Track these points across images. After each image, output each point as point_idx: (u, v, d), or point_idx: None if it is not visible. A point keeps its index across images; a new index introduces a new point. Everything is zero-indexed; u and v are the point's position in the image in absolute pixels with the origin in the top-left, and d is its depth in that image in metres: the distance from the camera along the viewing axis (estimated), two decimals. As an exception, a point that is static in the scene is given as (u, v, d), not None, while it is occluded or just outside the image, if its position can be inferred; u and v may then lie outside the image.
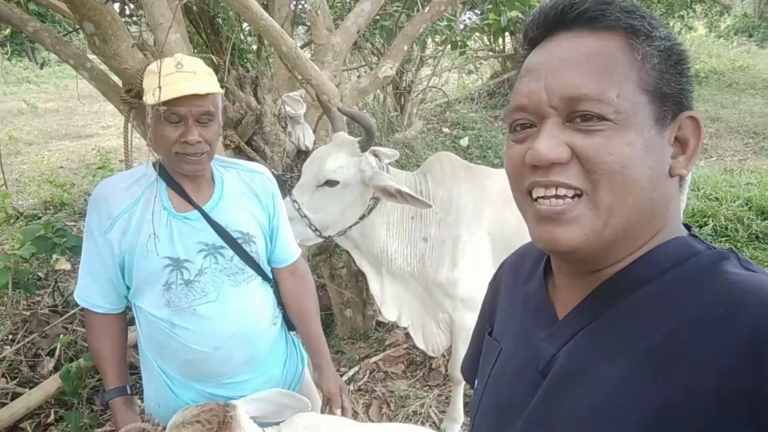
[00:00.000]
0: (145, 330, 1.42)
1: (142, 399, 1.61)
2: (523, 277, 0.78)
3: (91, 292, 1.38)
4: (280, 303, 1.59)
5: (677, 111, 0.60)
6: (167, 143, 1.30)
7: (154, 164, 1.40)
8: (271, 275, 1.55)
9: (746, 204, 4.19)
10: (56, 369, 2.68)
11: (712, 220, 3.97)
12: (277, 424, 1.41)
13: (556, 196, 0.59)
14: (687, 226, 0.65)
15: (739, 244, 3.84)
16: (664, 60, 0.59)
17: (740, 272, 0.55)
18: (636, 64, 0.58)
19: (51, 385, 2.00)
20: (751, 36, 14.74)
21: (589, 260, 0.61)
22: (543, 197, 0.59)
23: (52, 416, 2.79)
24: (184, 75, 1.26)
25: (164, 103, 1.23)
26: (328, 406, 1.60)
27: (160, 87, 1.18)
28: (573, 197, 0.58)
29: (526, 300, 0.74)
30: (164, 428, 1.34)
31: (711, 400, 0.48)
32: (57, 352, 2.95)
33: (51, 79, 11.65)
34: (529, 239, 2.17)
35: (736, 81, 9.39)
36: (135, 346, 1.64)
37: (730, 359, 0.49)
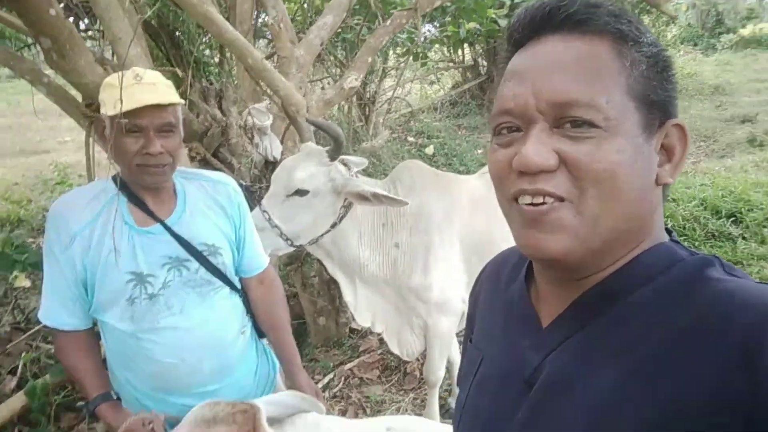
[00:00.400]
0: (111, 344, 1.40)
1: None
2: (503, 284, 0.76)
3: (57, 311, 1.35)
4: (249, 311, 1.58)
5: (663, 119, 0.59)
6: (128, 155, 1.28)
7: (113, 178, 1.38)
8: (239, 285, 1.54)
9: (701, 204, 4.38)
10: (19, 387, 2.59)
11: (671, 220, 4.14)
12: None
13: (543, 204, 0.57)
14: (668, 231, 0.64)
15: (697, 243, 4.01)
16: (651, 66, 0.58)
17: (725, 278, 0.54)
18: (624, 70, 0.57)
19: (16, 402, 1.93)
20: (696, 45, 15.46)
21: (574, 268, 0.60)
22: (528, 204, 0.58)
23: (16, 432, 2.69)
24: (143, 87, 1.26)
25: (125, 115, 1.21)
26: None
27: (121, 99, 1.17)
28: (556, 200, 0.57)
29: (508, 307, 0.73)
30: (165, 419, 1.32)
31: (703, 410, 0.48)
32: (19, 370, 2.85)
33: (2, 96, 11.26)
34: (498, 243, 2.21)
35: (686, 87, 9.81)
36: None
37: (721, 369, 0.48)
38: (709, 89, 9.76)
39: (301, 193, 1.97)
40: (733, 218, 4.23)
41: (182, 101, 1.34)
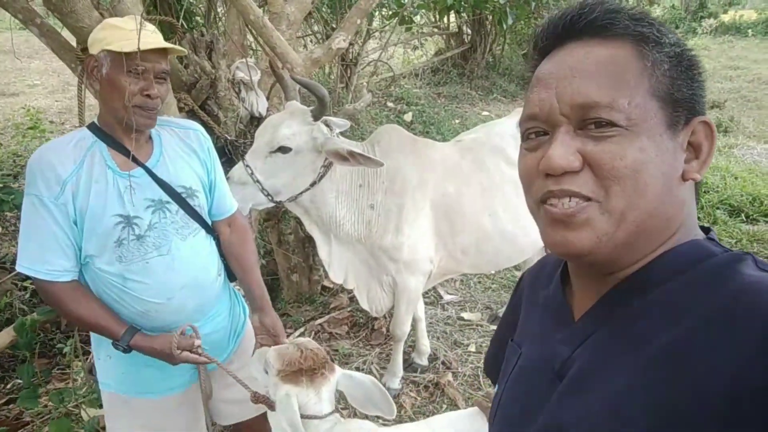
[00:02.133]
0: (95, 287, 1.44)
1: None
2: (542, 283, 0.79)
3: (55, 261, 1.35)
4: (222, 255, 1.66)
5: (690, 116, 0.60)
6: (127, 94, 1.32)
7: (87, 127, 1.42)
8: (212, 228, 1.61)
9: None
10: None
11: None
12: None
13: (569, 205, 0.59)
14: (705, 229, 0.65)
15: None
16: (675, 66, 0.59)
17: (755, 273, 0.54)
18: (646, 71, 0.58)
19: (4, 337, 2.00)
20: (677, 27, 15.59)
21: (602, 263, 0.61)
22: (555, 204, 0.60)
23: (-6, 376, 2.76)
24: (147, 33, 1.32)
25: (130, 57, 1.28)
26: (273, 341, 1.64)
27: (139, 39, 1.23)
28: (584, 200, 0.59)
29: (544, 304, 0.76)
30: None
31: (723, 401, 0.48)
32: (-6, 315, 2.90)
33: (-34, 31, 10.75)
34: (467, 210, 2.34)
35: (663, 70, 9.98)
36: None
37: (741, 359, 0.48)
38: (687, 73, 9.95)
39: (283, 150, 2.05)
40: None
41: (184, 50, 1.40)
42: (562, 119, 0.60)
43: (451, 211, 2.39)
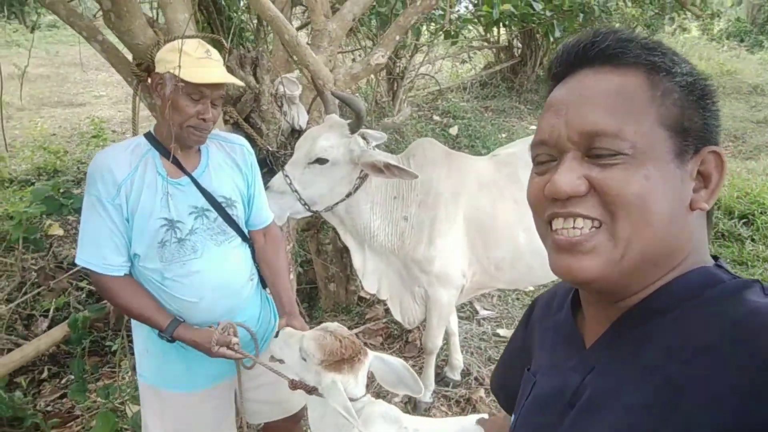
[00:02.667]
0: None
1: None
2: (553, 310, 0.80)
3: (112, 258, 1.47)
4: (256, 263, 1.76)
5: (700, 145, 0.60)
6: (184, 116, 1.46)
7: (144, 135, 1.55)
8: (248, 236, 1.71)
9: (716, 204, 4.42)
10: (50, 329, 2.80)
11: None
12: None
13: (574, 228, 0.60)
14: (714, 257, 0.65)
15: (705, 241, 4.07)
16: (686, 95, 0.59)
17: (762, 300, 0.54)
18: (656, 100, 0.58)
19: (58, 333, 2.15)
20: (742, 41, 14.93)
21: (609, 291, 0.62)
22: (562, 228, 0.61)
23: (46, 373, 2.95)
24: (212, 62, 1.46)
25: (192, 83, 1.40)
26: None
27: (194, 67, 1.39)
28: (591, 228, 0.59)
29: (555, 330, 0.76)
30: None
31: (730, 427, 0.48)
32: (51, 313, 3.09)
33: (41, 44, 11.50)
34: (501, 225, 2.33)
35: (723, 85, 9.56)
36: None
37: (749, 386, 0.48)
38: (747, 88, 9.50)
39: (321, 161, 2.12)
40: (745, 219, 4.26)
41: (242, 83, 1.52)
42: (569, 146, 0.61)
43: (485, 225, 2.39)
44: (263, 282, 1.81)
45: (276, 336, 1.58)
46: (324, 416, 1.40)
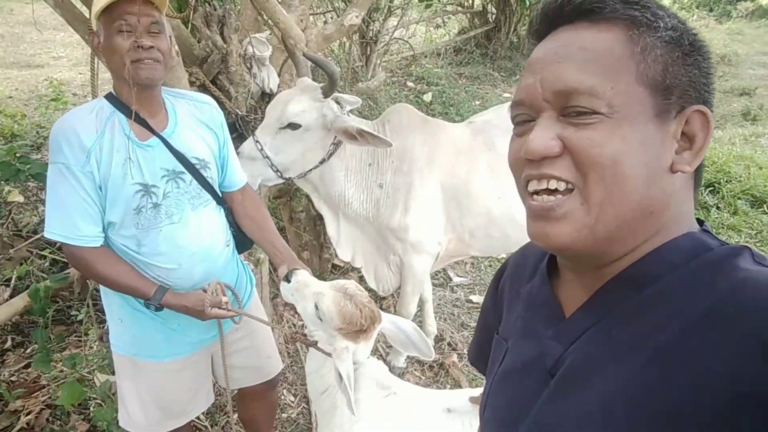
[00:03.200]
0: None
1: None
2: (526, 275, 0.77)
3: (85, 228, 1.39)
4: (232, 226, 1.72)
5: (685, 104, 0.57)
6: (120, 53, 1.34)
7: (105, 97, 1.45)
8: (222, 200, 1.66)
9: (703, 165, 4.53)
10: (12, 298, 2.72)
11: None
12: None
13: (548, 190, 0.58)
14: (700, 221, 0.63)
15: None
16: (671, 51, 0.56)
17: (752, 268, 0.53)
18: (635, 56, 0.56)
19: (19, 303, 2.07)
20: (711, 10, 15.08)
21: (587, 257, 0.60)
22: (536, 192, 0.60)
23: (9, 342, 2.86)
24: None
25: (113, 15, 1.30)
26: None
27: None
28: (564, 191, 0.58)
29: (529, 298, 0.73)
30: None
31: (721, 401, 0.47)
32: (12, 281, 2.99)
33: (-6, 2, 10.88)
34: (476, 191, 2.32)
35: (691, 55, 9.70)
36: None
37: (739, 357, 0.47)
38: (715, 58, 9.54)
39: (293, 126, 2.05)
40: (711, 188, 4.37)
41: (165, 1, 1.40)
42: (545, 105, 0.59)
43: (460, 192, 2.38)
44: (239, 247, 1.77)
45: (287, 281, 1.52)
46: (320, 369, 1.42)
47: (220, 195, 1.64)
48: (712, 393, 0.48)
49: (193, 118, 1.56)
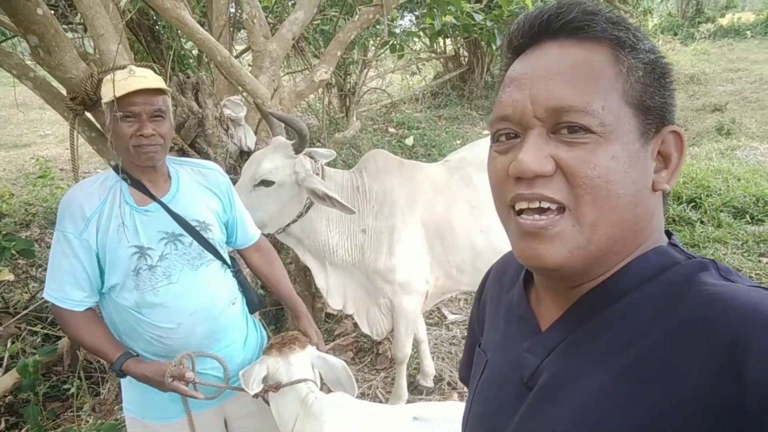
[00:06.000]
0: (116, 316, 1.54)
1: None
2: (505, 288, 0.77)
3: (72, 293, 1.47)
4: (242, 287, 1.75)
5: (660, 125, 0.59)
6: (125, 138, 1.44)
7: (114, 168, 1.54)
8: (228, 260, 1.70)
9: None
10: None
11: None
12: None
13: (540, 209, 0.57)
14: (668, 233, 0.64)
15: (658, 227, 4.22)
16: (649, 73, 0.58)
17: (718, 283, 0.54)
18: (621, 76, 0.57)
19: (8, 380, 2.05)
20: (676, 34, 15.67)
21: (573, 276, 0.60)
22: (526, 210, 0.58)
23: (3, 424, 2.81)
24: (136, 78, 1.44)
25: (120, 104, 1.40)
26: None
27: (114, 88, 1.36)
28: (556, 211, 0.57)
29: (508, 310, 0.74)
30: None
31: (693, 413, 0.48)
32: (5, 360, 2.96)
33: (-20, 87, 11.14)
34: (457, 226, 2.34)
35: (661, 77, 10.00)
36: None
37: (709, 370, 0.48)
38: (685, 79, 9.96)
39: (266, 183, 2.10)
40: (693, 203, 4.44)
41: (169, 89, 1.50)
42: (535, 122, 0.58)
43: (442, 229, 2.41)
44: (250, 307, 1.80)
45: None
46: (278, 406, 1.56)
47: (226, 255, 1.69)
48: (682, 406, 0.48)
49: (196, 184, 1.63)
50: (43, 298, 1.91)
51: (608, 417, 0.53)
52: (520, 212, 0.59)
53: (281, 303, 1.90)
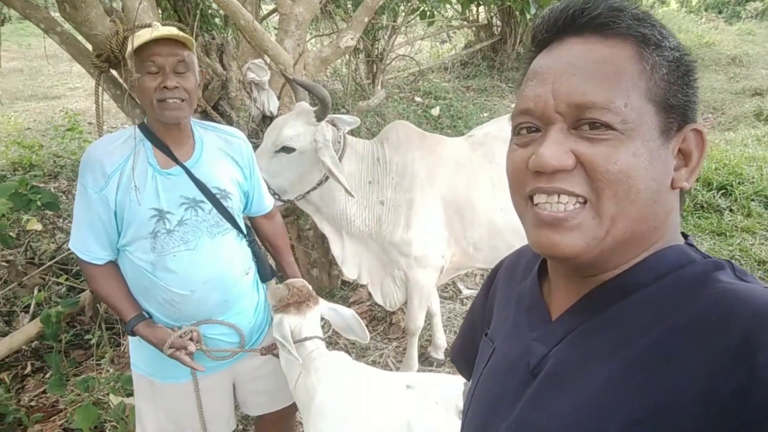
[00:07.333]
0: (130, 275, 1.56)
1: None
2: (518, 278, 0.78)
3: (92, 246, 1.50)
4: (255, 257, 1.76)
5: (682, 123, 0.59)
6: (149, 93, 1.43)
7: (138, 126, 1.53)
8: (245, 230, 1.70)
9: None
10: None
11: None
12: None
13: (559, 203, 0.58)
14: (684, 235, 0.65)
15: (685, 213, 4.11)
16: (673, 71, 0.58)
17: (734, 282, 0.55)
18: (645, 73, 0.57)
19: (32, 329, 2.13)
20: (720, 12, 14.94)
21: (587, 266, 0.61)
22: (545, 202, 0.59)
23: (29, 368, 2.93)
24: (159, 30, 1.42)
25: (144, 56, 1.39)
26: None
27: (131, 41, 1.36)
28: (575, 204, 0.58)
29: (519, 300, 0.75)
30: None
31: (699, 404, 0.48)
32: (32, 308, 3.07)
33: (12, 38, 11.20)
34: (478, 204, 2.33)
35: (702, 57, 9.56)
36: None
37: (719, 363, 0.48)
38: (726, 60, 9.53)
39: (287, 150, 2.10)
40: (723, 191, 4.31)
41: (193, 42, 1.48)
42: (557, 117, 0.58)
43: (462, 205, 2.39)
44: (262, 276, 1.81)
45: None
46: (287, 362, 1.61)
47: (242, 224, 1.69)
48: (693, 396, 0.49)
49: (220, 151, 1.62)
50: (68, 249, 1.98)
51: (613, 405, 0.53)
52: (537, 204, 0.60)
53: (280, 270, 1.93)
